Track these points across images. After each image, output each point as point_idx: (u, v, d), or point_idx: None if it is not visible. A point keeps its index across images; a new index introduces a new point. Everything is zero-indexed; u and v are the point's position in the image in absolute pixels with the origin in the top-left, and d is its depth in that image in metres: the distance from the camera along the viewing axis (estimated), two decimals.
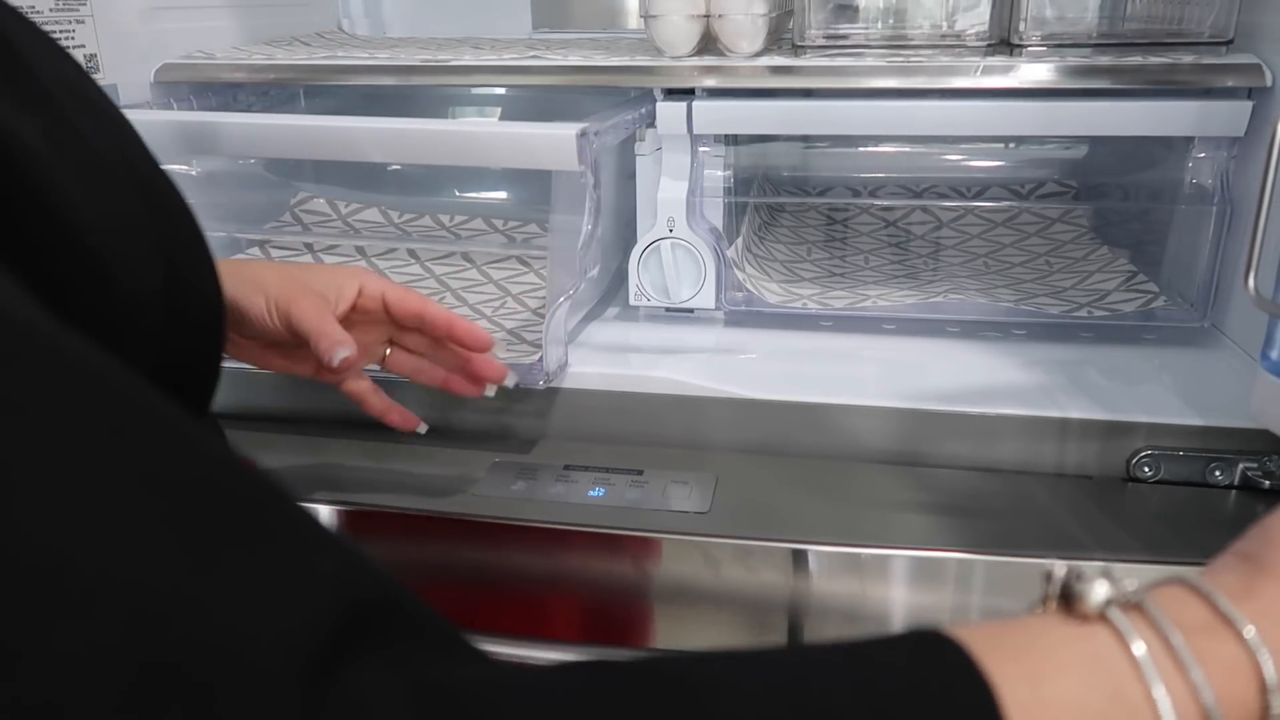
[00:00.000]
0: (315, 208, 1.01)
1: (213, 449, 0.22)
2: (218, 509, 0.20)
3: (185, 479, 0.20)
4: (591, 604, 0.62)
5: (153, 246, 0.29)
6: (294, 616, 0.19)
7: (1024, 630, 0.27)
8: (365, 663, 0.20)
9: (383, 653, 0.20)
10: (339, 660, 0.19)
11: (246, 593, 0.19)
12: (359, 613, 0.21)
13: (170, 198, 0.33)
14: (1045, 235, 0.93)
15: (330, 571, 0.21)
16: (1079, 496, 0.61)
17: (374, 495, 0.63)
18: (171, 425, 0.21)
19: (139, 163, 0.31)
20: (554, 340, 0.68)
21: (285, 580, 0.20)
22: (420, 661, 0.21)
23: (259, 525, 0.21)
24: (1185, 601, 0.28)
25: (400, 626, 0.22)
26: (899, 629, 0.57)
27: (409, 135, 0.66)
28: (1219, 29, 0.71)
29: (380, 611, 0.21)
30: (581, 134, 0.61)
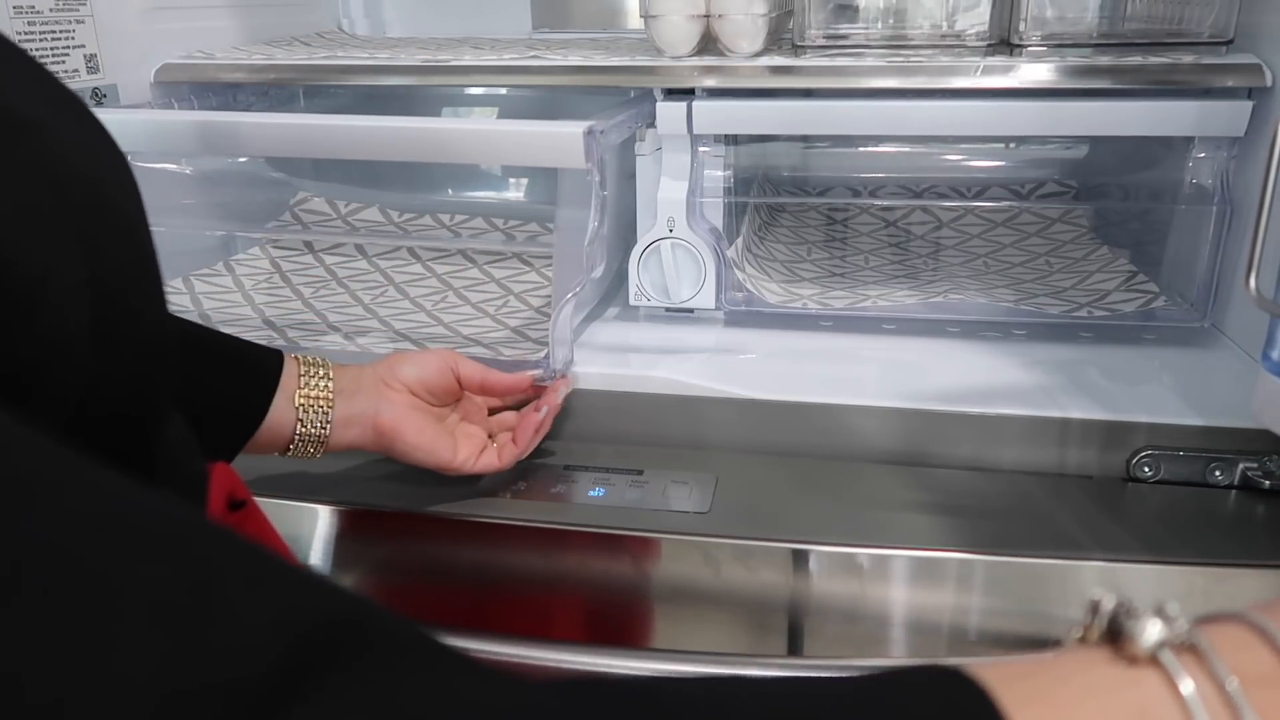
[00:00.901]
0: (315, 207, 1.01)
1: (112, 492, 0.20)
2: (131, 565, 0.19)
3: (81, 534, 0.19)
4: (591, 604, 0.62)
5: (80, 281, 0.28)
6: (233, 666, 0.18)
7: (1060, 669, 0.25)
8: (319, 696, 0.19)
9: (339, 681, 0.19)
10: (289, 699, 0.18)
11: (169, 653, 0.18)
12: (307, 645, 0.20)
13: (116, 221, 0.31)
14: (1045, 235, 0.93)
15: (267, 614, 0.20)
16: (1079, 496, 0.61)
17: (374, 495, 0.63)
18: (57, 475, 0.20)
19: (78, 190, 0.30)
20: (560, 339, 0.68)
21: (217, 630, 0.19)
22: (385, 684, 0.20)
23: (180, 572, 0.19)
24: (1246, 644, 0.25)
25: (363, 650, 0.20)
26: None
27: (416, 134, 0.66)
28: (1219, 29, 0.71)
29: (334, 637, 0.20)
30: (589, 132, 0.61)
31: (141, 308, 0.32)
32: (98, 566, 0.19)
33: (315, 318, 0.81)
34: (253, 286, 0.87)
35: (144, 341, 0.32)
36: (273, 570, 0.21)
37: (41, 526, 0.19)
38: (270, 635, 0.19)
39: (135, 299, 0.32)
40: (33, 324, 0.26)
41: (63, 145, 0.30)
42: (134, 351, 0.31)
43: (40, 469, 0.20)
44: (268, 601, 0.20)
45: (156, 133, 0.71)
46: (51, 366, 0.27)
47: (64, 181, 0.29)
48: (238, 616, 0.19)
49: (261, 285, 0.88)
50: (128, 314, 0.31)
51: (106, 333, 0.29)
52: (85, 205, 0.29)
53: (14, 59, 0.31)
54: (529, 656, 0.55)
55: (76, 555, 0.19)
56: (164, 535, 0.20)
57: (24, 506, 0.19)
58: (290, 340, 0.75)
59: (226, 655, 0.18)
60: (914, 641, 0.58)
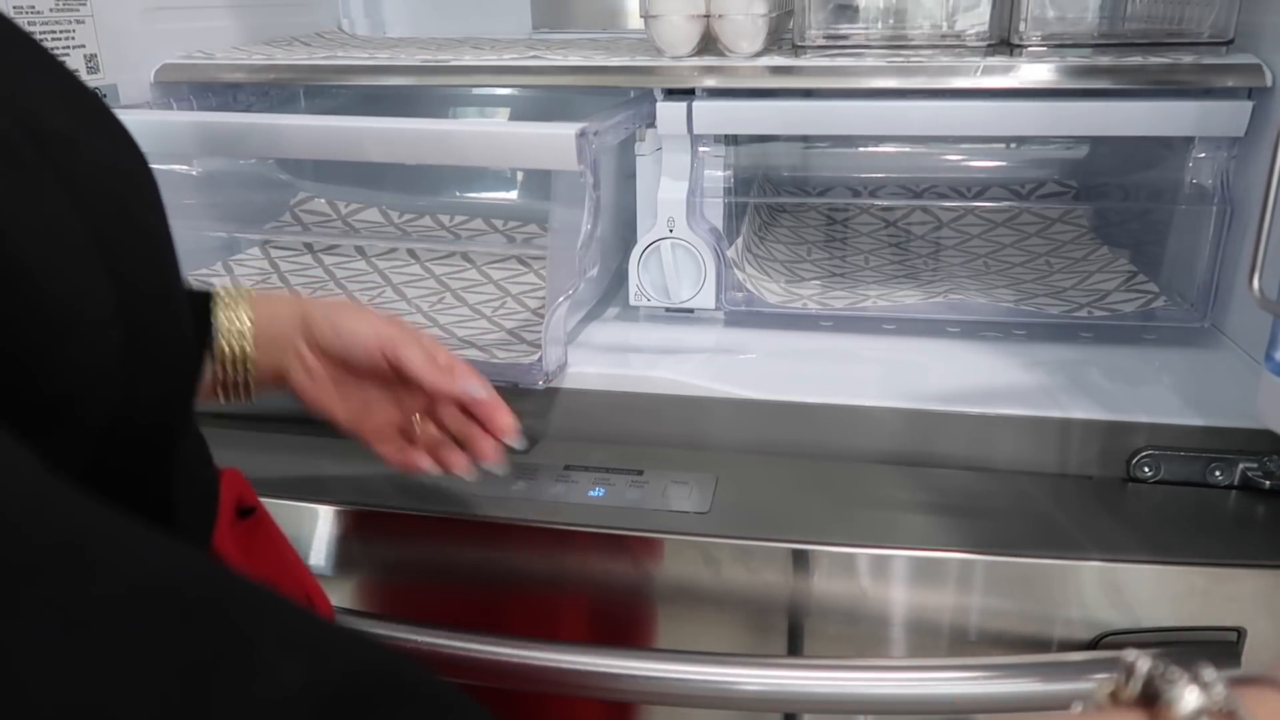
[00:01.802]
0: (315, 208, 1.01)
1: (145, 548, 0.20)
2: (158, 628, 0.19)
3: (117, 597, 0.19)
4: (592, 604, 0.62)
5: (111, 311, 0.28)
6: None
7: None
8: None
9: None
10: None
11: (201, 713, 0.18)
12: (338, 702, 0.20)
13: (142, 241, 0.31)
14: (1045, 235, 0.93)
15: (295, 673, 0.20)
16: (1079, 496, 0.61)
17: (374, 496, 0.63)
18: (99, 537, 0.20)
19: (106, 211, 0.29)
20: (553, 340, 0.68)
21: (251, 692, 0.19)
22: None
23: (200, 642, 0.19)
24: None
25: (390, 704, 0.21)
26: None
27: (410, 135, 0.66)
28: (1219, 29, 0.71)
29: (365, 693, 0.21)
30: (581, 134, 0.61)
31: (168, 327, 0.32)
32: (129, 634, 0.19)
33: None
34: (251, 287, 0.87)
35: (171, 359, 0.32)
36: (304, 627, 0.21)
37: (81, 593, 0.19)
38: (302, 694, 0.19)
39: (162, 319, 0.31)
40: (66, 352, 0.26)
41: (91, 163, 0.30)
42: (162, 370, 0.31)
43: (80, 531, 0.20)
44: (300, 660, 0.20)
45: (156, 133, 0.71)
46: (84, 393, 0.27)
47: (92, 202, 0.28)
48: (272, 676, 0.19)
49: (260, 286, 0.88)
50: (155, 336, 0.31)
51: (136, 356, 0.29)
52: (113, 229, 0.29)
53: (45, 68, 0.31)
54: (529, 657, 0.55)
55: (109, 621, 0.19)
56: (195, 598, 0.20)
57: (69, 573, 0.19)
58: None
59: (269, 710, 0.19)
60: (914, 641, 0.58)
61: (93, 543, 0.20)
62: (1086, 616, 0.55)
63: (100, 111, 0.33)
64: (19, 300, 0.24)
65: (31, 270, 0.25)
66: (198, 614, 0.20)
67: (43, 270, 0.25)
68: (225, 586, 0.21)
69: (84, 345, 0.26)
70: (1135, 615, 0.55)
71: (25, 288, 0.24)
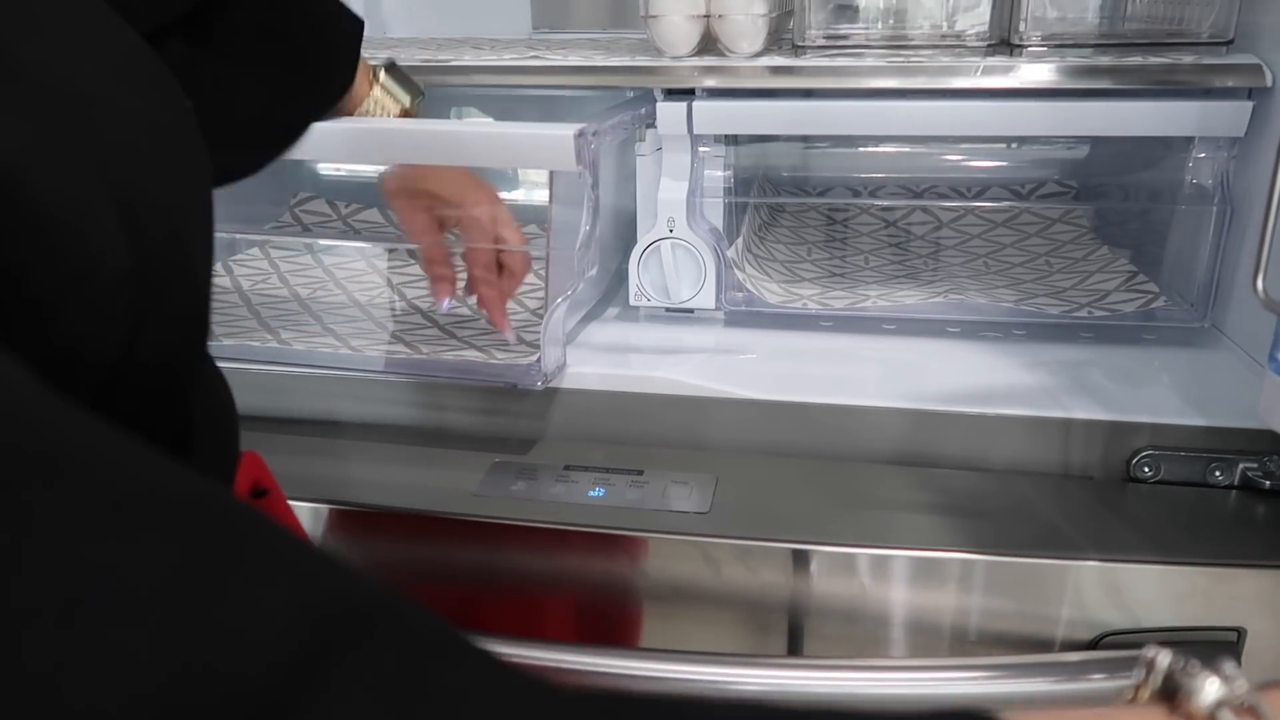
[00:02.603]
0: (315, 208, 1.01)
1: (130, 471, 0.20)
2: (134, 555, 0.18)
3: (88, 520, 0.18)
4: (592, 604, 0.62)
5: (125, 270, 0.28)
6: (249, 651, 0.18)
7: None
8: (332, 690, 0.18)
9: (354, 675, 0.19)
10: (308, 686, 0.18)
11: (184, 641, 0.17)
12: (329, 631, 0.19)
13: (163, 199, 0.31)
14: (1045, 235, 0.93)
15: (279, 602, 0.19)
16: (1079, 497, 0.61)
17: (374, 496, 0.63)
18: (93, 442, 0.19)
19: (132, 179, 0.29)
20: (552, 340, 0.68)
21: (230, 622, 0.18)
22: (397, 675, 0.19)
23: (185, 566, 0.19)
24: None
25: (376, 638, 0.20)
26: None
27: (409, 135, 0.66)
28: (1219, 29, 0.71)
29: (357, 625, 0.20)
30: (579, 134, 0.61)
31: (179, 292, 0.32)
32: (110, 544, 0.18)
33: (311, 319, 0.81)
34: (250, 287, 0.87)
35: (180, 323, 0.32)
36: (294, 553, 0.20)
37: (59, 497, 0.18)
38: (290, 621, 0.19)
39: (175, 283, 0.31)
40: (79, 304, 0.26)
41: (117, 121, 0.30)
42: (169, 336, 0.31)
43: (66, 438, 0.19)
44: (288, 585, 0.20)
45: None
46: (86, 347, 0.27)
47: (111, 164, 0.28)
48: (257, 600, 0.19)
49: (260, 286, 0.88)
50: (166, 298, 0.31)
51: (144, 316, 0.29)
52: (131, 189, 0.29)
53: (90, 18, 0.31)
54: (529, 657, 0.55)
55: (93, 527, 0.18)
56: (183, 511, 0.20)
57: (47, 476, 0.18)
58: (283, 341, 0.75)
59: (243, 640, 0.18)
60: (914, 642, 0.58)
61: (77, 450, 0.19)
62: (1087, 616, 0.55)
63: (136, 62, 0.32)
64: (40, 244, 0.24)
65: (47, 225, 0.25)
66: (180, 526, 0.19)
67: (63, 217, 0.25)
68: (215, 504, 0.21)
69: (91, 301, 0.26)
70: (1135, 615, 0.55)
71: (48, 232, 0.25)
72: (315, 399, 0.73)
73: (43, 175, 0.25)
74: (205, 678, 0.17)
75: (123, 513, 0.19)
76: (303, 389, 0.72)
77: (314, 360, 0.71)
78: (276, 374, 0.72)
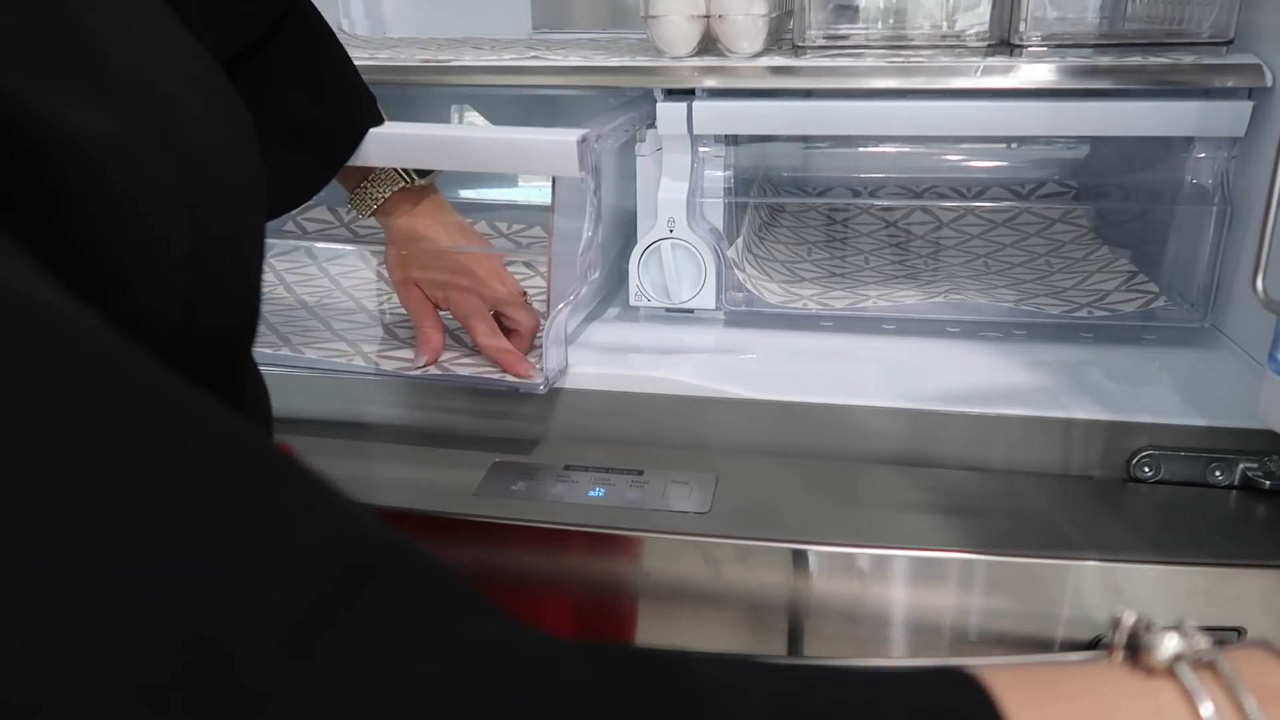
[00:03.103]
0: (318, 215, 1.01)
1: (189, 405, 0.21)
2: (191, 478, 0.20)
3: (150, 446, 0.20)
4: (592, 604, 0.62)
5: (186, 255, 0.30)
6: (277, 586, 0.19)
7: (1073, 675, 0.26)
8: (359, 620, 0.19)
9: (381, 611, 0.20)
10: (330, 623, 0.19)
11: (223, 568, 0.19)
12: (353, 573, 0.20)
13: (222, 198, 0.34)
14: (1045, 235, 0.93)
15: (318, 534, 0.21)
16: (1079, 496, 0.61)
17: (374, 496, 0.63)
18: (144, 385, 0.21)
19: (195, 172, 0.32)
20: (554, 343, 0.68)
21: (266, 551, 0.19)
22: (420, 617, 0.21)
23: (237, 492, 0.20)
24: (1264, 665, 0.25)
25: (402, 583, 0.21)
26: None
27: (411, 140, 0.66)
28: (1219, 29, 0.71)
29: (378, 569, 0.21)
30: (582, 140, 0.61)
31: (235, 280, 0.35)
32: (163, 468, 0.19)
33: (320, 325, 0.81)
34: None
35: (234, 308, 0.35)
36: (330, 495, 0.22)
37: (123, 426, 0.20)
38: (325, 553, 0.20)
39: (231, 271, 0.34)
40: (142, 281, 0.28)
41: (190, 124, 0.33)
42: (220, 316, 0.34)
43: (132, 371, 0.21)
44: (328, 520, 0.21)
45: None
46: (146, 321, 0.29)
47: (180, 157, 0.31)
48: (298, 530, 0.20)
49: (267, 297, 0.88)
50: (223, 283, 0.33)
51: (202, 297, 0.31)
52: (196, 182, 0.32)
53: (170, 34, 0.34)
54: None
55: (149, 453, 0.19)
56: (234, 445, 0.21)
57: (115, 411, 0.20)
58: (295, 348, 0.75)
59: (282, 566, 0.19)
60: (914, 641, 0.58)
61: (144, 387, 0.21)
62: (1087, 616, 0.55)
63: (209, 77, 0.36)
64: (114, 226, 0.27)
65: (124, 206, 0.27)
66: (232, 458, 0.21)
67: (134, 208, 0.28)
68: (264, 445, 0.22)
69: (154, 281, 0.29)
70: None
71: (122, 216, 0.27)
72: (317, 399, 0.73)
73: (123, 165, 0.28)
74: (242, 598, 0.18)
75: (173, 442, 0.20)
76: (304, 389, 0.72)
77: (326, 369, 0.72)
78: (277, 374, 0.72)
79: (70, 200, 0.26)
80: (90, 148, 0.26)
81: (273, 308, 0.84)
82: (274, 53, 0.60)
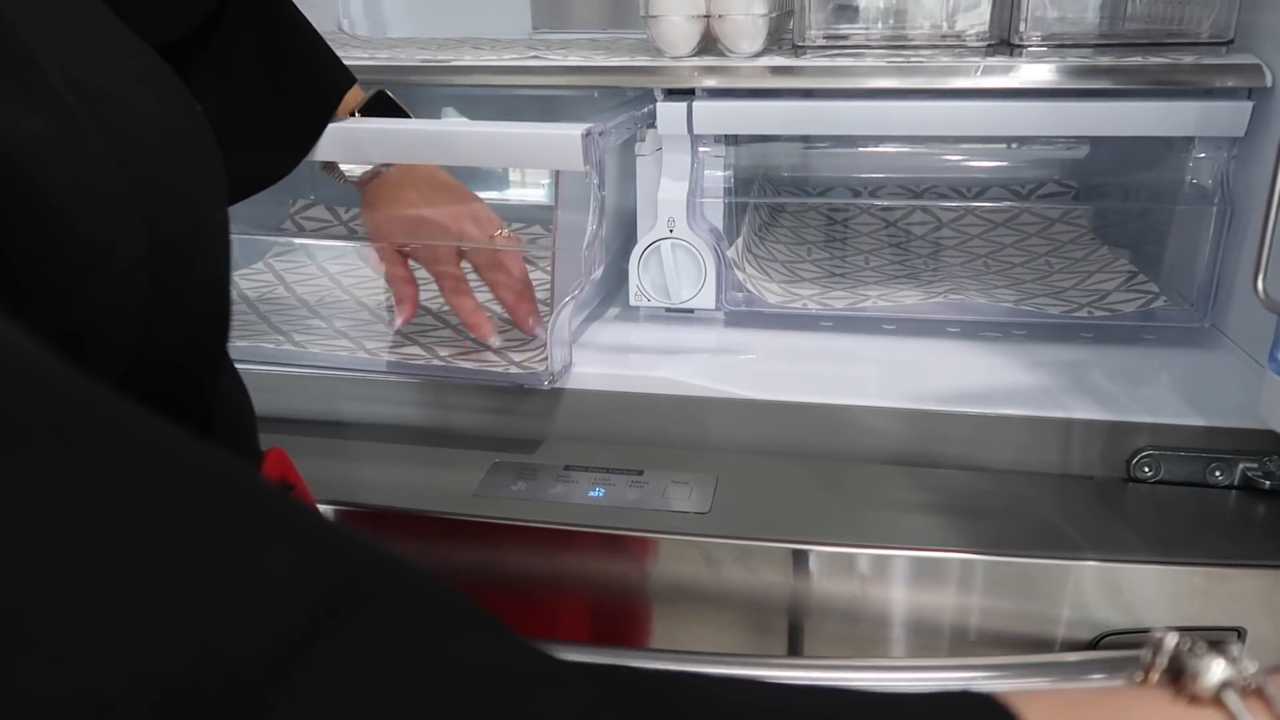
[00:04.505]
0: (316, 214, 1.01)
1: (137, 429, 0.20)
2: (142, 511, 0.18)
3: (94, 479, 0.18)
4: (592, 605, 0.62)
5: (140, 256, 0.29)
6: (244, 619, 0.18)
7: (1114, 704, 0.25)
8: (338, 647, 0.18)
9: (360, 634, 0.19)
10: (305, 652, 0.18)
11: (181, 606, 0.17)
12: (330, 597, 0.19)
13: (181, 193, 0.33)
14: (1045, 235, 0.93)
15: (287, 560, 0.19)
16: (1079, 497, 0.61)
17: (375, 496, 0.63)
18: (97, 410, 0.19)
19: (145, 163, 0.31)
20: (558, 340, 0.68)
21: (230, 584, 0.18)
22: (404, 639, 0.19)
23: (194, 522, 0.19)
24: None
25: (384, 604, 0.20)
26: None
27: (413, 136, 0.66)
28: (1219, 29, 0.71)
29: (358, 590, 0.20)
30: (586, 134, 0.61)
31: (200, 274, 0.33)
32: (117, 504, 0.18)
33: (322, 323, 0.81)
34: (257, 298, 0.87)
35: (201, 305, 0.33)
36: (298, 517, 0.21)
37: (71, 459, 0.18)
38: (294, 580, 0.19)
39: (195, 265, 0.33)
40: (89, 292, 0.27)
41: (136, 119, 0.31)
42: (186, 318, 0.32)
43: (74, 404, 0.20)
44: (297, 548, 0.20)
45: None
46: (101, 332, 0.27)
47: (129, 154, 0.30)
48: (265, 562, 0.19)
49: (265, 296, 0.88)
50: (186, 280, 0.32)
51: (163, 298, 0.30)
52: (152, 179, 0.31)
53: (99, 29, 0.33)
54: None
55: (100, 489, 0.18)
56: (192, 475, 0.20)
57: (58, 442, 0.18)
58: (297, 344, 0.75)
59: (248, 601, 0.18)
60: (914, 642, 0.58)
61: (83, 415, 0.19)
62: (1087, 616, 0.55)
63: (152, 69, 0.34)
64: (47, 239, 0.25)
65: (64, 211, 0.26)
66: (190, 489, 0.19)
67: (75, 212, 0.26)
68: (225, 470, 0.21)
69: (108, 287, 0.27)
70: (1136, 615, 0.55)
71: (55, 227, 0.26)
72: (318, 399, 0.73)
73: (57, 167, 0.26)
74: (208, 635, 0.17)
75: (132, 475, 0.19)
76: (306, 389, 0.72)
77: (330, 363, 0.72)
78: (277, 374, 0.72)
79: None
80: (14, 151, 0.25)
81: (273, 307, 0.84)
82: (227, 32, 0.57)
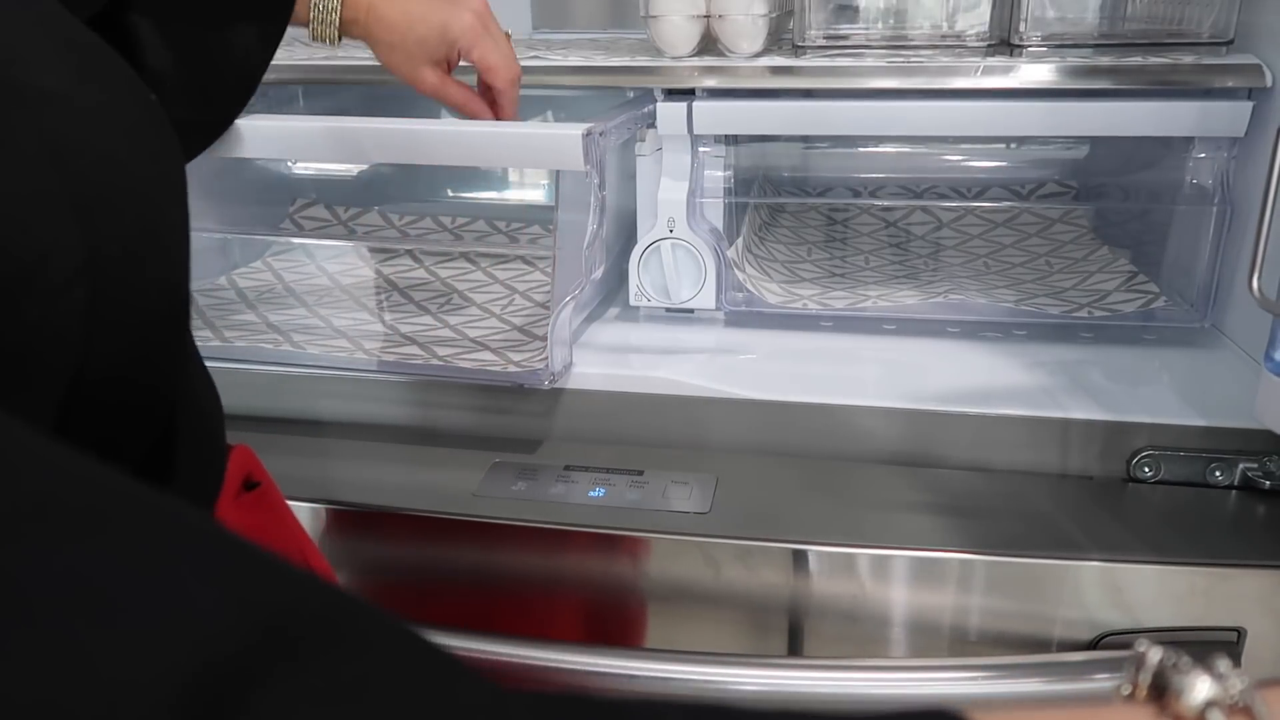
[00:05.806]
0: (315, 214, 1.01)
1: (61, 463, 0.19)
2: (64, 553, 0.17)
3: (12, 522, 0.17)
4: (591, 605, 0.62)
5: (77, 265, 0.27)
6: (165, 665, 0.17)
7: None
8: (268, 694, 0.17)
9: (302, 672, 0.18)
10: (236, 698, 0.17)
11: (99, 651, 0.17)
12: (269, 633, 0.18)
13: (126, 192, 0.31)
14: (1045, 235, 0.93)
15: (215, 601, 0.18)
16: (1079, 497, 0.61)
17: (375, 496, 0.63)
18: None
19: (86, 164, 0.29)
20: (559, 340, 0.68)
21: (151, 629, 0.17)
22: (348, 678, 0.18)
23: (115, 562, 0.18)
24: None
25: (327, 639, 0.19)
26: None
27: (415, 136, 0.66)
28: (1219, 29, 0.71)
29: (301, 626, 0.19)
30: (587, 134, 0.61)
31: (151, 278, 0.31)
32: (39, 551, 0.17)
33: (320, 323, 0.81)
34: (256, 297, 0.87)
35: (152, 310, 0.32)
36: (236, 554, 0.20)
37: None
38: (228, 621, 0.18)
39: (146, 269, 0.31)
40: (20, 311, 0.25)
41: (76, 118, 0.30)
42: (135, 326, 0.31)
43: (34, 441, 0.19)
44: (228, 586, 0.19)
45: None
46: (37, 353, 0.26)
47: (70, 157, 0.28)
48: (193, 603, 0.18)
49: (264, 294, 0.88)
50: (134, 287, 0.30)
51: (107, 309, 0.29)
52: (93, 181, 0.29)
53: (38, 23, 0.31)
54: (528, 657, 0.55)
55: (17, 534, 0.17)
56: (116, 516, 0.19)
57: None
58: (296, 344, 0.75)
59: (176, 644, 0.17)
60: (914, 642, 0.58)
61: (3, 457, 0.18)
62: (1086, 616, 0.55)
63: (99, 59, 0.32)
64: None
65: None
66: (113, 531, 0.18)
67: (8, 225, 0.25)
68: (150, 508, 0.20)
69: (40, 305, 0.26)
70: (1135, 615, 0.55)
71: None
72: (319, 399, 0.73)
73: None
74: (136, 680, 0.16)
75: (51, 519, 0.18)
76: (306, 389, 0.72)
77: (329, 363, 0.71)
78: (278, 374, 0.72)
79: None
80: None
81: (272, 306, 0.84)
82: None
